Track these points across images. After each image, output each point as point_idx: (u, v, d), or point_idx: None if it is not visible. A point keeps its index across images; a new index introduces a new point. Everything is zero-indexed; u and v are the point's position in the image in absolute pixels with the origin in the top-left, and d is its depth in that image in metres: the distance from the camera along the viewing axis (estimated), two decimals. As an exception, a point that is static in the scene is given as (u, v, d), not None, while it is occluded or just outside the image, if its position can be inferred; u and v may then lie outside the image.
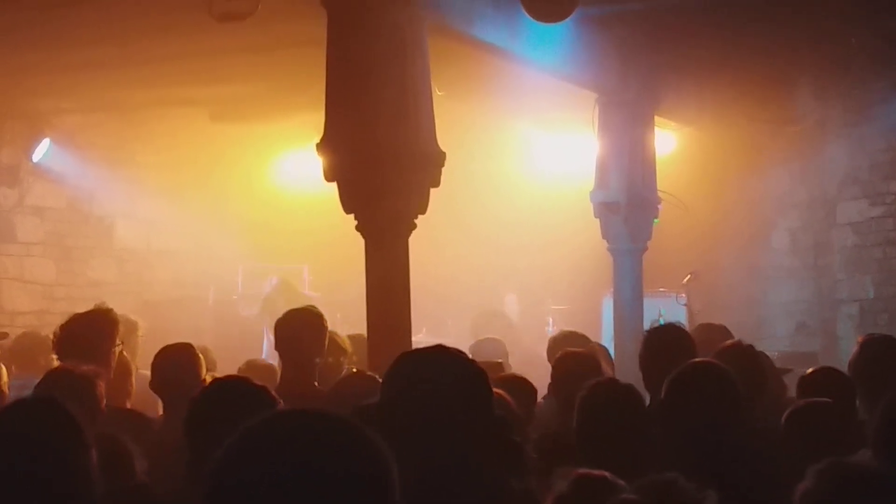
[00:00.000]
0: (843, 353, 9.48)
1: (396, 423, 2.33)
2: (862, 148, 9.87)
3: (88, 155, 10.11)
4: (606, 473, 2.50)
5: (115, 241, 10.64)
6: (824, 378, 4.39)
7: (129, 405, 4.74)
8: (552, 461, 2.86)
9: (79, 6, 6.40)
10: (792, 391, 4.78)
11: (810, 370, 4.53)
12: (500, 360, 5.39)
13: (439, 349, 2.52)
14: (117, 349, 4.66)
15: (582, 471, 2.50)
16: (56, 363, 6.13)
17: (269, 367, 5.76)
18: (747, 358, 4.47)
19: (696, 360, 3.90)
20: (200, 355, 4.64)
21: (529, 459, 3.38)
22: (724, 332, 5.69)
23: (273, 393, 3.17)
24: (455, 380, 2.39)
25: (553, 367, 4.89)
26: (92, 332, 4.63)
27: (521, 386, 4.30)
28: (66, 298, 9.73)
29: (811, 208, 10.42)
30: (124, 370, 4.75)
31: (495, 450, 2.39)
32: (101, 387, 3.78)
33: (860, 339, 4.78)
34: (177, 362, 4.51)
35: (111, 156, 10.35)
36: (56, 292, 9.93)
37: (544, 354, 5.77)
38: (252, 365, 5.75)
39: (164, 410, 4.57)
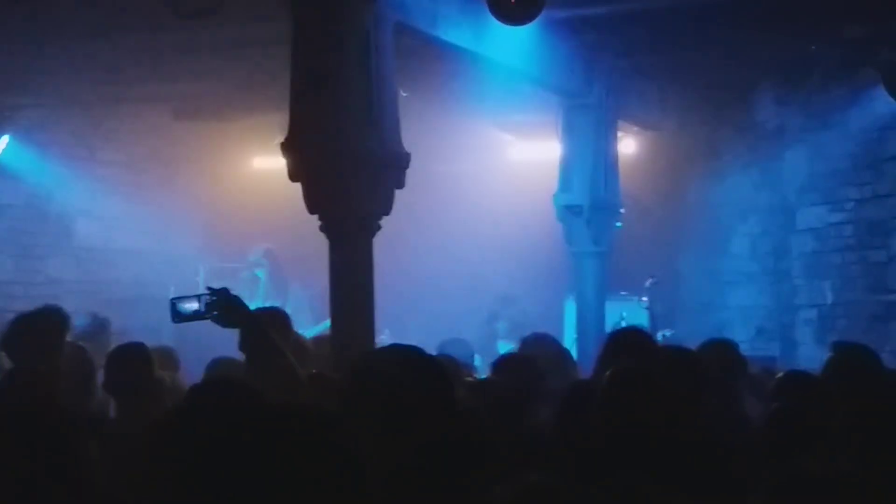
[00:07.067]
0: (802, 358, 9.57)
1: (358, 422, 2.33)
2: (821, 154, 9.96)
3: (48, 151, 10.00)
4: (555, 480, 2.45)
5: (75, 239, 10.51)
6: (801, 382, 4.34)
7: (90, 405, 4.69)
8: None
9: (41, 1, 6.33)
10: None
11: (780, 374, 4.50)
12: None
13: (395, 348, 2.54)
14: (66, 347, 4.64)
15: (529, 478, 2.44)
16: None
17: (238, 365, 5.68)
18: (681, 364, 4.32)
19: (619, 365, 3.75)
20: (152, 355, 4.59)
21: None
22: None
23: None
24: (414, 377, 2.39)
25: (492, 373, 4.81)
26: (39, 331, 4.62)
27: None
28: (23, 297, 9.58)
29: (771, 214, 10.50)
30: (87, 371, 4.71)
31: (457, 446, 2.38)
32: (54, 386, 3.75)
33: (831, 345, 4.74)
34: (129, 362, 4.47)
35: (71, 153, 10.24)
36: (14, 290, 9.80)
37: None
38: (219, 364, 5.67)
39: (117, 411, 4.53)
